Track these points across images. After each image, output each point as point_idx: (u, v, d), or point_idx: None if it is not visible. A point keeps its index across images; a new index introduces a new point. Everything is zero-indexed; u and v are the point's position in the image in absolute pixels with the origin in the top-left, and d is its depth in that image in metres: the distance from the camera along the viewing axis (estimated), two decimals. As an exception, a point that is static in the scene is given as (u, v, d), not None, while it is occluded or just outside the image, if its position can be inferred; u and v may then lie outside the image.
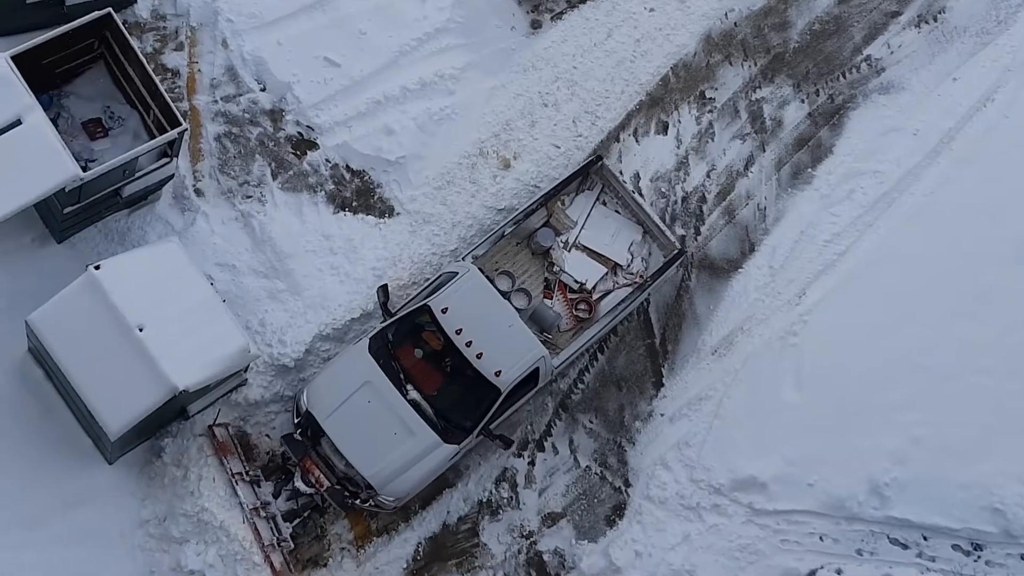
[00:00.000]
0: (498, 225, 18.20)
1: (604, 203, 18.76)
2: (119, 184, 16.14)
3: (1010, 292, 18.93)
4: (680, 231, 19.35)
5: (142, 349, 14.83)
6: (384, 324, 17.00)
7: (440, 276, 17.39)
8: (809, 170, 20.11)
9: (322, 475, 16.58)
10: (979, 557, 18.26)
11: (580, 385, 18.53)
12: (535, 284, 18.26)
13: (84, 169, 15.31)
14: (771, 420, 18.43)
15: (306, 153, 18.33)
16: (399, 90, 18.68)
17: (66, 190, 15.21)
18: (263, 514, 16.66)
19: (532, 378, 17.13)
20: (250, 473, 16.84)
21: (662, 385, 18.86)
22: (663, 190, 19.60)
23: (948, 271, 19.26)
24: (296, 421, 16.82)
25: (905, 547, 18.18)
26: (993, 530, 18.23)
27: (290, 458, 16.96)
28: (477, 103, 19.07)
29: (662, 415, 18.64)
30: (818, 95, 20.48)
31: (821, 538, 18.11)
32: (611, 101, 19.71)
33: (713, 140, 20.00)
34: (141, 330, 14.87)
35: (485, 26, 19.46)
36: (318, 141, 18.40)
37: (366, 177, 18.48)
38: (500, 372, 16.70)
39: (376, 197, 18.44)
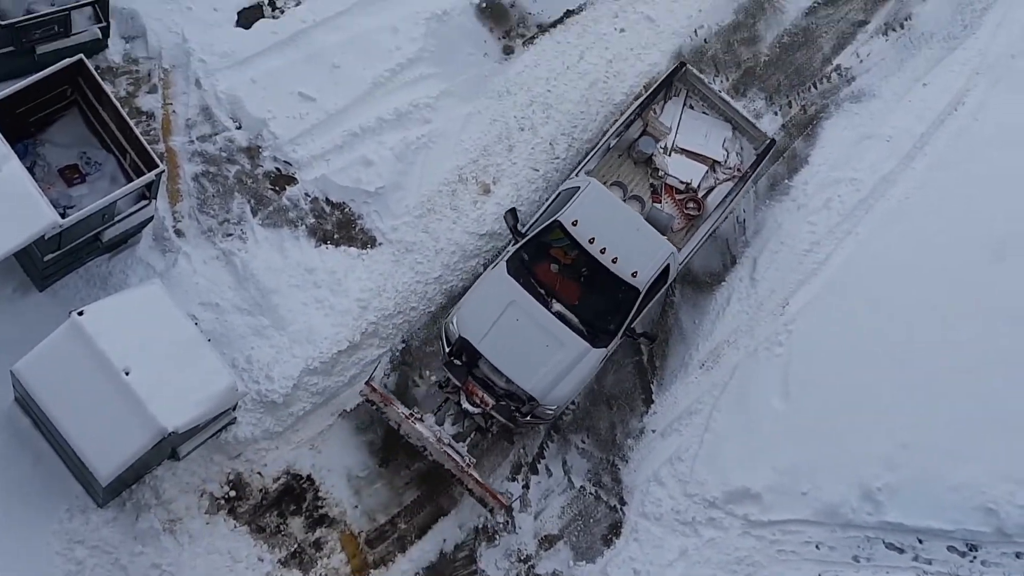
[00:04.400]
0: (589, 153, 18.95)
1: (691, 107, 19.61)
2: (98, 229, 16.11)
3: (989, 291, 19.03)
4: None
5: (129, 392, 14.78)
6: (517, 246, 17.85)
7: (559, 194, 18.37)
8: (786, 181, 20.23)
9: (485, 395, 17.31)
10: (975, 557, 18.30)
11: (571, 405, 18.56)
12: (642, 191, 19.16)
13: (63, 216, 15.26)
14: (761, 430, 18.49)
15: (285, 188, 18.36)
16: (375, 121, 18.75)
17: (46, 238, 15.16)
18: (446, 442, 17.20)
19: (663, 275, 18.04)
20: (415, 412, 17.34)
21: (652, 401, 18.91)
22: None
23: (928, 274, 19.36)
24: (448, 349, 17.51)
25: (901, 551, 18.22)
26: (987, 530, 18.28)
27: (446, 387, 17.71)
28: (454, 130, 19.15)
29: (653, 431, 18.69)
30: (791, 106, 20.65)
31: (817, 546, 18.14)
32: (587, 122, 19.81)
33: (689, 156, 20.10)
34: (127, 373, 14.82)
35: (458, 54, 19.57)
36: (296, 176, 18.43)
37: (346, 209, 18.51)
38: (636, 273, 17.67)
39: (357, 228, 18.47)
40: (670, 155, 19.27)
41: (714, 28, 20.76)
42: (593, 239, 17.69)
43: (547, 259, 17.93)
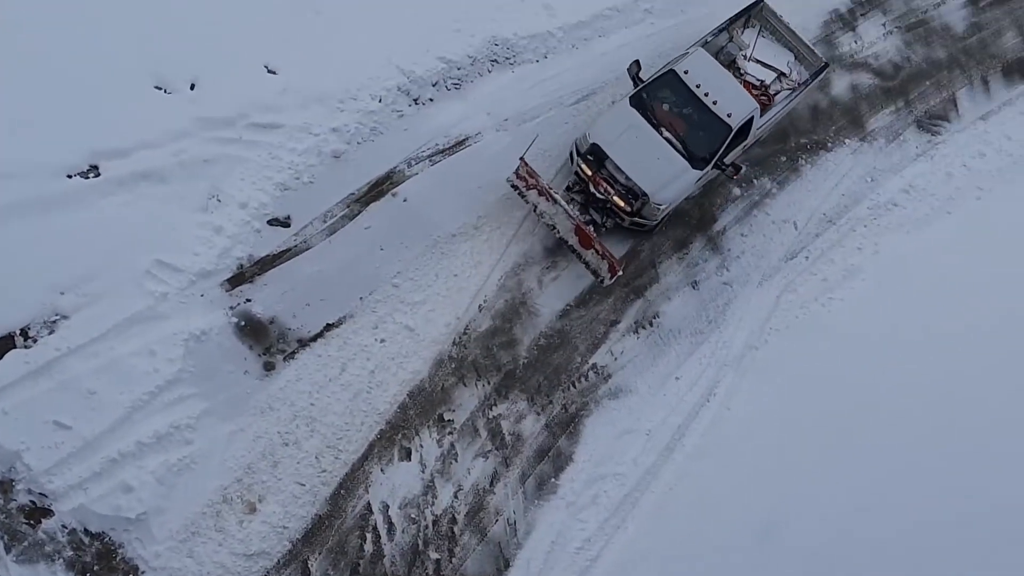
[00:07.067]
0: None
1: (763, 35, 25.01)
2: None
3: (758, 574, 19.47)
4: (434, 555, 19.34)
5: None
6: (638, 88, 22.80)
7: (672, 60, 23.40)
8: (553, 480, 20.51)
9: (610, 187, 22.10)
10: None
11: None
12: None
13: None
14: None
15: (41, 521, 17.66)
16: (135, 445, 18.37)
17: None
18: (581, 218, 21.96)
19: (745, 129, 22.90)
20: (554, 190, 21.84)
21: None
22: (413, 516, 19.59)
23: (700, 566, 19.71)
24: (579, 155, 22.40)
25: None
26: None
27: (572, 188, 22.69)
28: (216, 450, 18.90)
29: None
30: (552, 406, 21.13)
31: None
32: (352, 433, 19.84)
33: (457, 460, 20.24)
34: None
35: (218, 372, 19.51)
36: (53, 507, 17.78)
37: (106, 539, 17.87)
38: (730, 114, 22.59)
39: (119, 558, 17.81)
40: (749, 61, 24.53)
41: (473, 334, 21.29)
42: (699, 85, 22.70)
43: (659, 101, 22.70)
